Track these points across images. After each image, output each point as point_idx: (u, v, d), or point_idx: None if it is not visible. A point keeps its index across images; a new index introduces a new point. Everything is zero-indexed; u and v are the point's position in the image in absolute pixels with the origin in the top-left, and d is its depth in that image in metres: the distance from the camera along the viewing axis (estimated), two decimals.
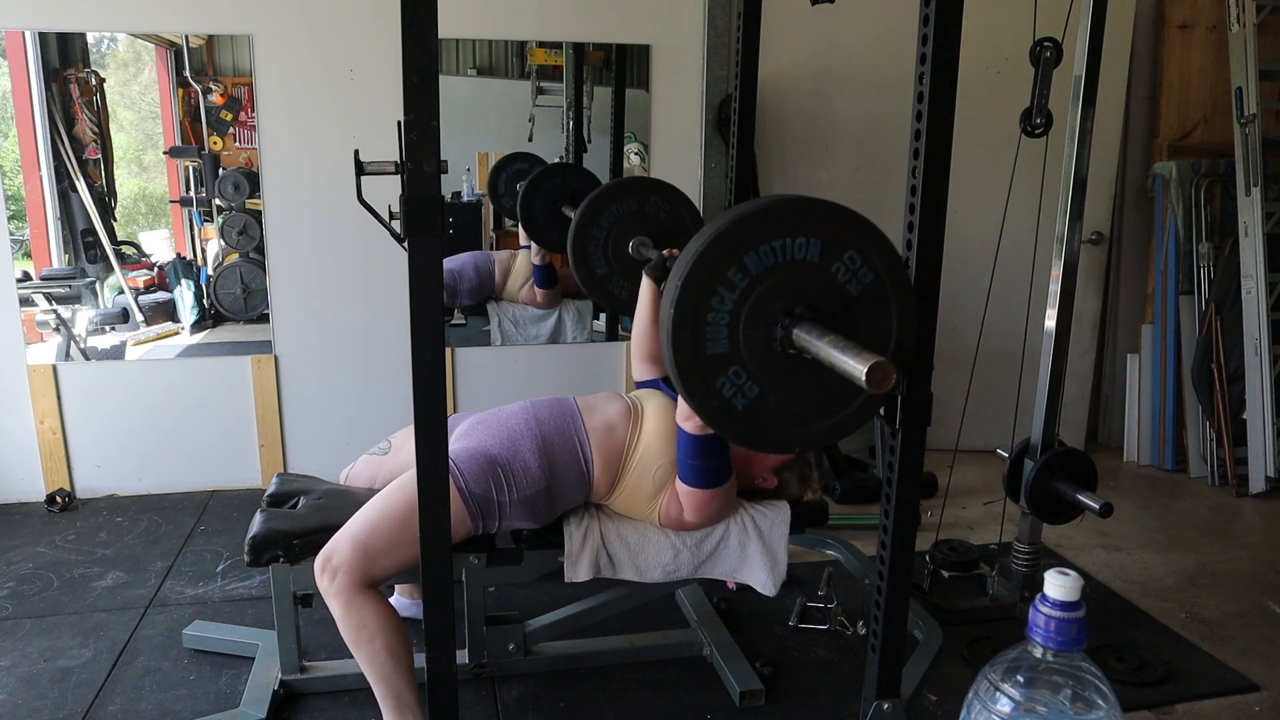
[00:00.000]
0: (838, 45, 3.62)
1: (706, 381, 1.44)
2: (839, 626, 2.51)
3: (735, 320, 1.44)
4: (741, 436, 1.51)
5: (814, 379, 1.48)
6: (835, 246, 1.46)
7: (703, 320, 1.42)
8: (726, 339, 1.44)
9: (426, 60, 1.39)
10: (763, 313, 1.44)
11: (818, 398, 1.51)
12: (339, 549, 1.87)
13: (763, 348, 1.46)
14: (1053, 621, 0.91)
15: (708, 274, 1.41)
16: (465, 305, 3.60)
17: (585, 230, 2.63)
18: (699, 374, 1.44)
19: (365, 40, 3.21)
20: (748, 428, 1.49)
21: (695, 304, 1.41)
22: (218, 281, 3.41)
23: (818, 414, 1.53)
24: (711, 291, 1.42)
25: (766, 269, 1.43)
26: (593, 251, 2.65)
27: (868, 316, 1.50)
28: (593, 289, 2.69)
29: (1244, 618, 2.64)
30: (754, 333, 1.45)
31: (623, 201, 2.66)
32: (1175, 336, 3.81)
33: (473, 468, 1.98)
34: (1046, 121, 2.38)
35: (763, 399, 1.48)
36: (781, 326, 1.45)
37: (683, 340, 1.42)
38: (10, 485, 3.30)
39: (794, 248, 1.44)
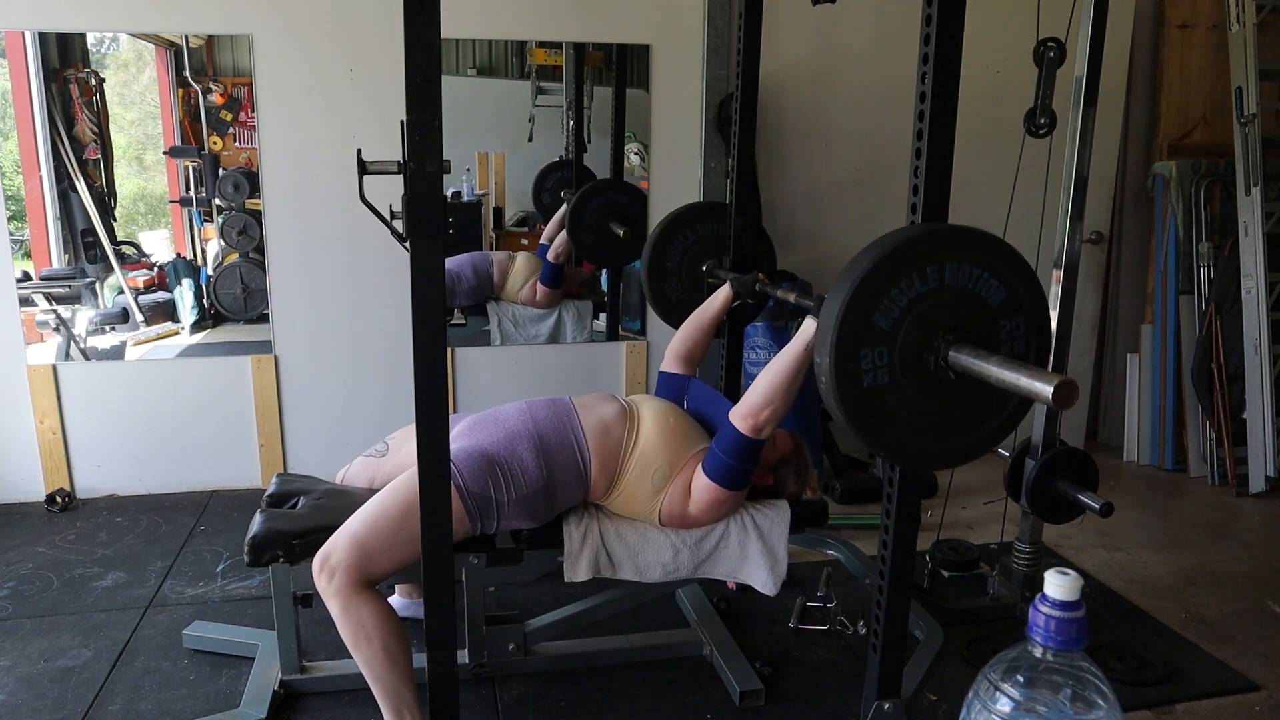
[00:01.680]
0: (838, 45, 3.62)
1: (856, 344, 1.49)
2: (839, 626, 2.51)
3: (909, 309, 1.50)
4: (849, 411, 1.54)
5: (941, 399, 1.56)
6: (1014, 306, 1.56)
7: (884, 292, 1.48)
8: (894, 320, 1.50)
9: (429, 60, 1.39)
10: (933, 318, 1.51)
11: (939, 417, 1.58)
12: (337, 549, 1.87)
13: (916, 347, 1.52)
14: (1052, 621, 0.91)
15: (915, 255, 1.49)
16: (464, 306, 3.61)
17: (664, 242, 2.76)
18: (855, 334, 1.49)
19: (365, 40, 3.21)
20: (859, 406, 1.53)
21: (891, 273, 1.48)
22: (218, 281, 3.41)
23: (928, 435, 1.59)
24: (906, 274, 1.49)
25: (957, 285, 1.52)
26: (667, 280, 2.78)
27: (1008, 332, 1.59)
28: (654, 283, 2.79)
29: (1244, 618, 2.64)
30: (917, 329, 1.51)
31: (705, 222, 2.78)
32: (1175, 336, 3.81)
33: (471, 467, 1.98)
34: (1050, 121, 2.38)
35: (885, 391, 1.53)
36: (943, 339, 1.52)
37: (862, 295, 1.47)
38: (10, 485, 3.30)
39: (987, 284, 1.54)
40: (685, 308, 2.68)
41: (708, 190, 3.56)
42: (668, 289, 2.79)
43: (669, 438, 2.08)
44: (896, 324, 1.49)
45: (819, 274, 3.75)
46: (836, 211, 3.77)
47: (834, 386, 1.49)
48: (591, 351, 3.69)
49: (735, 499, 2.07)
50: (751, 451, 1.99)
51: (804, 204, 3.76)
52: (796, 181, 3.74)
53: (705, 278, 2.76)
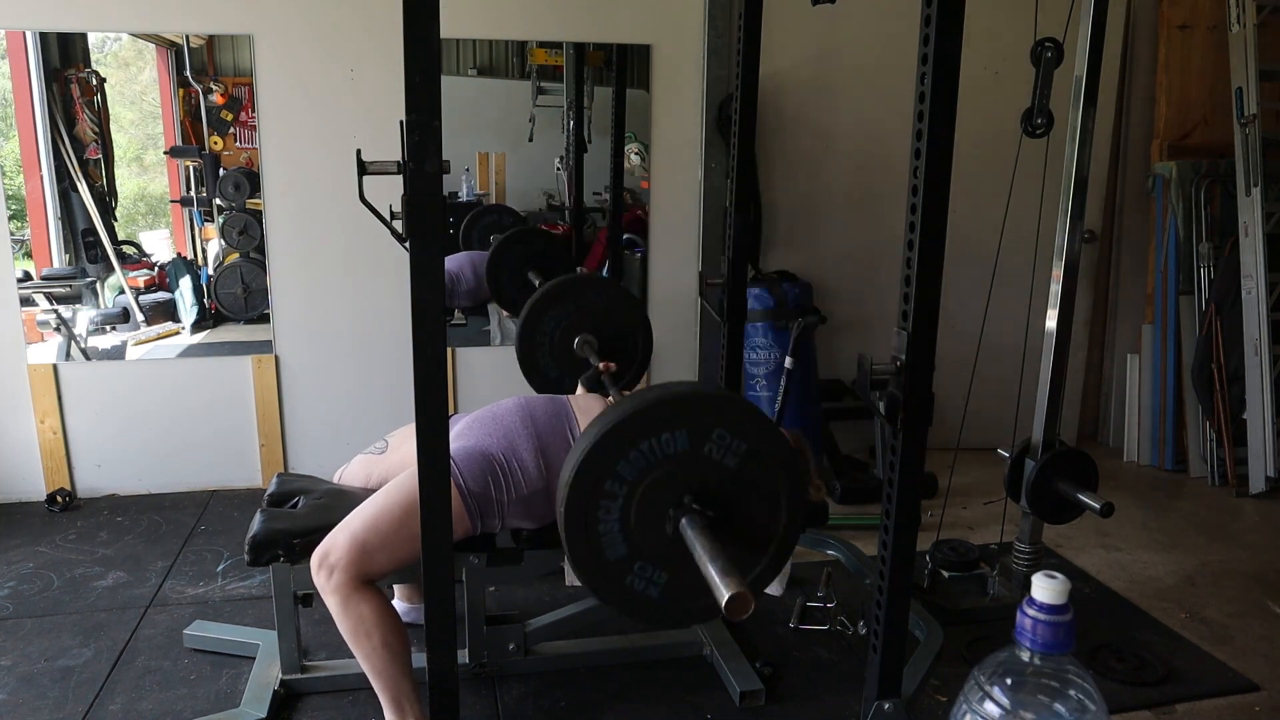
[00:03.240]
0: (838, 45, 3.63)
1: (614, 583, 1.50)
2: (839, 626, 2.51)
3: (625, 523, 1.49)
4: (665, 620, 1.57)
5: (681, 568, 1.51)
6: (701, 430, 1.50)
7: (595, 533, 1.47)
8: (623, 542, 1.49)
9: (429, 60, 1.39)
10: (650, 511, 1.49)
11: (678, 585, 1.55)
12: (336, 546, 1.87)
13: (658, 539, 1.50)
14: (1039, 625, 0.90)
15: (586, 491, 1.47)
16: (464, 306, 3.61)
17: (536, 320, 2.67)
18: (606, 580, 1.50)
19: (365, 40, 3.21)
20: (669, 611, 1.54)
21: (584, 520, 1.47)
22: (218, 281, 3.41)
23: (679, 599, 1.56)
24: (595, 505, 1.47)
25: (642, 471, 1.48)
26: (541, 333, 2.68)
27: (755, 483, 1.54)
28: (529, 366, 2.71)
29: (1244, 618, 2.64)
30: (646, 530, 1.50)
31: (588, 294, 2.70)
32: (1175, 336, 3.81)
33: (471, 467, 1.98)
34: (1048, 122, 2.38)
35: (674, 582, 1.53)
36: (669, 520, 1.49)
37: (582, 556, 1.48)
38: (11, 485, 3.30)
39: (662, 445, 1.48)
40: (559, 379, 2.68)
41: (708, 190, 3.56)
42: (545, 370, 2.71)
43: None
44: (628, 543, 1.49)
45: (819, 273, 3.76)
46: (837, 211, 3.78)
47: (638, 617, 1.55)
48: None
49: None
50: None
51: (804, 204, 3.76)
52: (797, 181, 3.74)
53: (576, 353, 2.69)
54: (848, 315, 3.84)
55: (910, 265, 1.64)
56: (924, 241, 1.62)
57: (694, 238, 3.64)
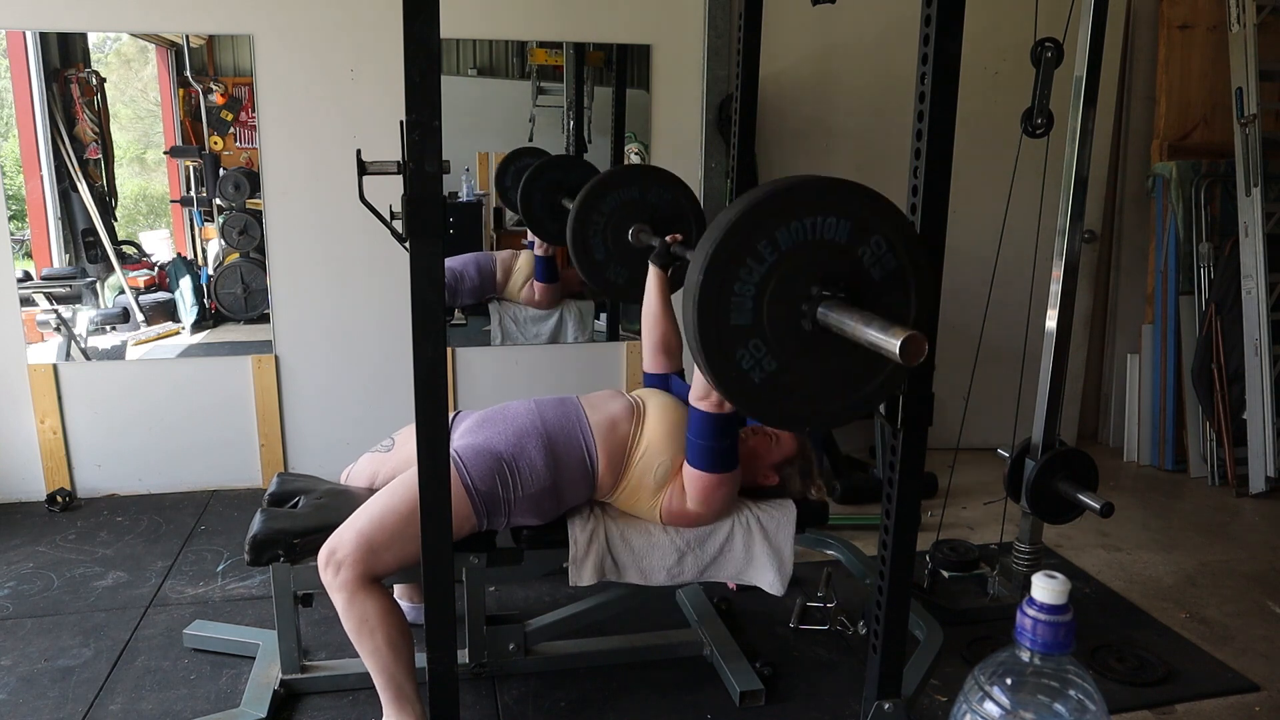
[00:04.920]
0: (838, 45, 3.63)
1: (726, 352, 1.44)
2: (839, 626, 2.51)
3: (761, 293, 1.44)
4: (756, 409, 1.51)
5: (834, 358, 1.49)
6: (863, 230, 1.47)
7: (729, 290, 1.42)
8: (751, 311, 1.44)
9: (428, 60, 1.39)
10: (788, 288, 1.45)
11: (836, 377, 1.52)
12: (343, 543, 1.88)
13: (786, 323, 1.46)
14: (1039, 625, 0.90)
15: (738, 245, 1.41)
16: (466, 305, 3.61)
17: (585, 216, 2.62)
18: (720, 344, 1.44)
19: (365, 40, 3.21)
20: (763, 401, 1.49)
21: (724, 273, 1.41)
22: (218, 281, 3.41)
23: (834, 393, 1.53)
24: (740, 262, 1.42)
25: (796, 245, 1.44)
26: (592, 237, 2.64)
27: (887, 302, 1.50)
28: (591, 275, 2.68)
29: (1244, 618, 2.64)
30: (778, 307, 1.45)
31: (622, 189, 2.65)
32: (1175, 336, 3.81)
33: (479, 464, 1.98)
34: (1048, 122, 2.38)
35: (780, 374, 1.48)
36: (806, 303, 1.46)
37: (707, 308, 1.42)
38: (11, 485, 3.30)
39: (824, 227, 1.44)
40: (631, 284, 2.62)
41: (709, 190, 3.56)
42: (610, 275, 2.67)
43: (673, 433, 2.08)
44: (755, 314, 1.44)
45: None
46: None
47: (729, 395, 1.48)
48: (592, 351, 3.69)
49: (728, 484, 2.04)
50: (722, 427, 1.95)
51: None
52: None
53: (631, 244, 2.65)
54: None
55: None
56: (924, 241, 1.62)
57: (693, 238, 3.63)
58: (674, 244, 2.42)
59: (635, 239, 2.64)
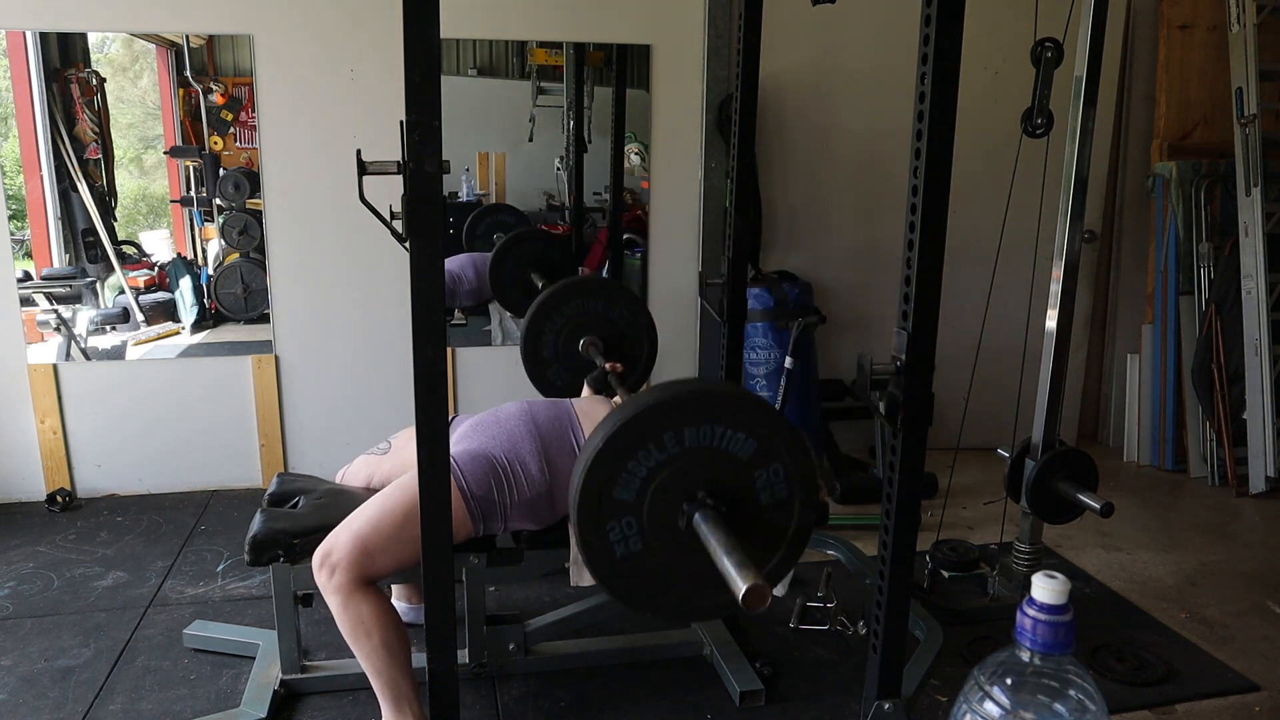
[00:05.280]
0: (839, 45, 3.63)
1: (600, 518, 1.49)
2: (839, 626, 2.51)
3: (651, 479, 1.48)
4: (604, 579, 1.54)
5: (697, 560, 1.50)
6: (768, 454, 1.51)
7: (623, 465, 1.47)
8: (636, 490, 1.49)
9: (429, 60, 1.39)
10: (678, 484, 1.49)
11: (692, 578, 1.55)
12: (338, 545, 1.88)
13: (663, 515, 1.50)
14: (1039, 625, 0.91)
15: (646, 428, 1.46)
16: (465, 306, 3.60)
17: (546, 313, 2.68)
18: (598, 507, 1.48)
19: (365, 40, 3.21)
20: (615, 573, 1.53)
21: (624, 448, 1.46)
22: (218, 281, 3.41)
23: (686, 593, 1.57)
24: (643, 445, 1.47)
25: (699, 446, 1.48)
26: (546, 334, 2.69)
27: (764, 530, 1.55)
28: (534, 369, 2.73)
29: (1244, 618, 2.64)
30: (661, 498, 1.49)
31: (589, 299, 2.70)
32: (1175, 336, 3.81)
33: (474, 470, 1.98)
34: (1047, 122, 2.38)
35: (642, 556, 1.52)
36: (689, 503, 1.49)
37: (597, 473, 1.46)
38: (11, 485, 3.30)
39: (733, 440, 1.49)
40: (567, 388, 2.68)
41: (708, 190, 3.56)
42: (550, 374, 2.72)
43: None
44: (639, 495, 1.48)
45: (819, 274, 3.76)
46: (837, 211, 3.78)
47: (587, 561, 1.51)
48: None
49: None
50: None
51: (804, 204, 3.76)
52: (797, 181, 3.74)
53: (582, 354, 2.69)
54: (848, 315, 3.84)
55: (910, 265, 1.64)
56: (924, 241, 1.62)
57: (694, 238, 3.64)
58: (612, 372, 2.46)
59: (585, 350, 2.68)
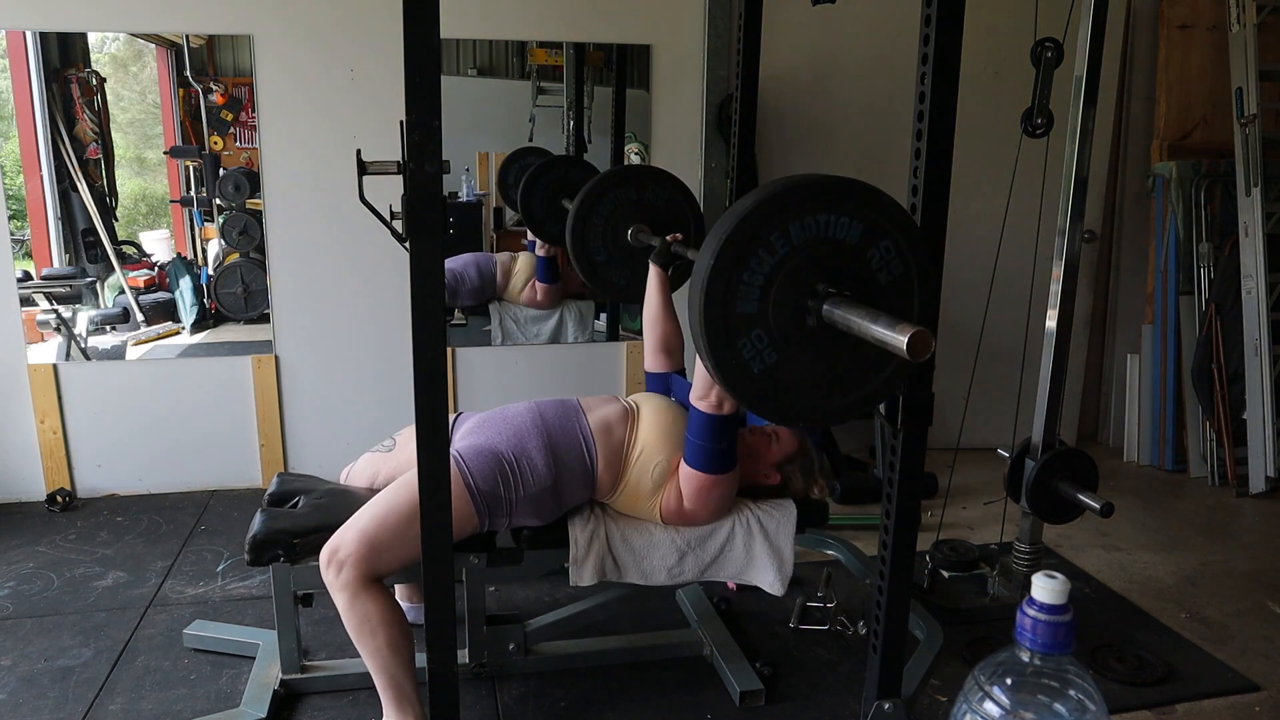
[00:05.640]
0: (838, 45, 3.63)
1: (730, 339, 1.45)
2: (839, 626, 2.51)
3: (769, 284, 1.45)
4: (752, 400, 1.51)
5: (835, 355, 1.50)
6: (874, 233, 1.48)
7: (737, 278, 1.43)
8: (757, 300, 1.45)
9: (429, 60, 1.39)
10: (796, 282, 1.46)
11: (835, 374, 1.53)
12: (346, 542, 1.88)
13: (790, 316, 1.47)
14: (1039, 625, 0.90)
15: (750, 234, 1.42)
16: (467, 306, 3.61)
17: (583, 218, 2.64)
18: (724, 330, 1.44)
19: (365, 40, 3.21)
20: (760, 393, 1.50)
21: (734, 261, 1.42)
22: (218, 281, 3.41)
23: (833, 391, 1.54)
24: (752, 252, 1.43)
25: (807, 240, 1.45)
26: (591, 240, 2.65)
27: (890, 305, 1.51)
28: (593, 278, 2.69)
29: (1244, 618, 2.64)
30: (784, 300, 1.46)
31: (620, 189, 2.67)
32: (1175, 336, 3.81)
33: (480, 465, 1.99)
34: (1048, 122, 2.38)
35: (779, 367, 1.49)
36: (813, 298, 1.46)
37: (715, 293, 1.42)
38: (11, 485, 3.30)
39: (836, 225, 1.46)
40: (632, 285, 2.63)
41: (708, 190, 3.56)
42: (611, 277, 2.68)
43: (667, 434, 2.09)
44: (761, 304, 1.45)
45: None
46: None
47: (726, 384, 1.48)
48: (592, 351, 3.69)
49: (723, 485, 2.03)
50: (721, 429, 1.95)
51: None
52: None
53: (631, 244, 2.67)
54: None
55: None
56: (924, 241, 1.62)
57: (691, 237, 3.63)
58: (674, 243, 2.44)
59: (634, 239, 2.65)
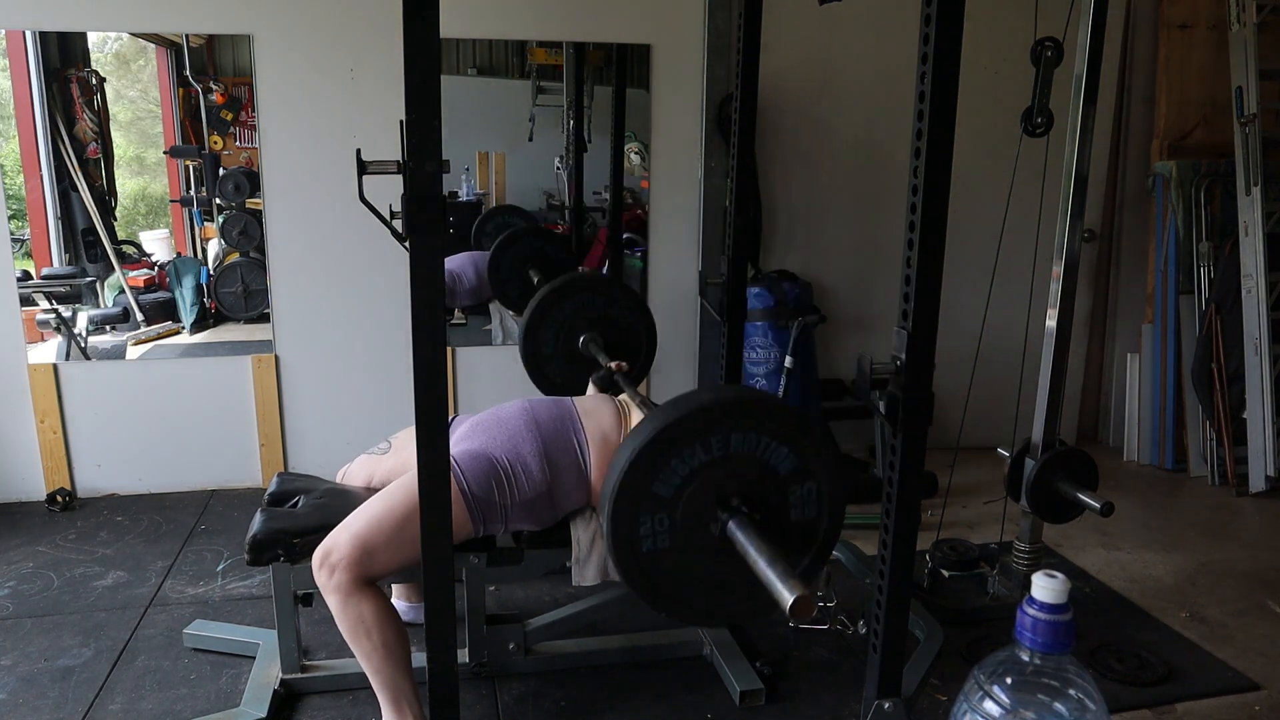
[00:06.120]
0: (839, 45, 3.62)
1: (635, 510, 1.50)
2: (839, 626, 2.51)
3: (691, 478, 1.49)
4: (625, 571, 1.55)
5: (726, 565, 1.52)
6: (806, 472, 1.54)
7: (667, 461, 1.48)
8: (675, 488, 1.50)
9: (429, 60, 1.39)
10: (716, 488, 1.51)
11: (716, 581, 1.57)
12: (338, 545, 1.88)
13: (697, 516, 1.52)
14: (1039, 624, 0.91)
15: (699, 426, 1.47)
16: (465, 305, 3.61)
17: (547, 308, 2.69)
18: (633, 501, 1.49)
19: (365, 40, 3.21)
20: (637, 567, 1.54)
21: (671, 443, 1.47)
22: (218, 281, 3.41)
23: (710, 594, 1.59)
24: (690, 444, 1.48)
25: (743, 454, 1.50)
26: (545, 329, 2.70)
27: (790, 543, 1.57)
28: (533, 365, 2.74)
29: (1244, 617, 2.64)
30: (697, 499, 1.51)
31: (589, 294, 2.71)
32: (1175, 336, 3.81)
33: (475, 470, 1.98)
34: (1047, 121, 2.38)
35: (666, 555, 1.54)
36: (723, 509, 1.50)
37: (641, 464, 1.47)
38: (11, 485, 3.30)
39: (777, 453, 1.52)
40: (564, 385, 2.69)
41: (708, 190, 3.56)
42: (550, 372, 2.73)
43: None
44: (678, 492, 1.49)
45: (819, 273, 3.75)
46: (837, 211, 3.78)
47: (612, 549, 1.51)
48: None
49: None
50: None
51: (804, 203, 3.76)
52: (797, 181, 3.74)
53: (582, 353, 2.70)
54: (848, 315, 3.84)
55: (910, 265, 1.64)
56: (924, 241, 1.62)
57: (694, 238, 3.64)
58: (619, 371, 2.46)
59: (584, 348, 2.69)
